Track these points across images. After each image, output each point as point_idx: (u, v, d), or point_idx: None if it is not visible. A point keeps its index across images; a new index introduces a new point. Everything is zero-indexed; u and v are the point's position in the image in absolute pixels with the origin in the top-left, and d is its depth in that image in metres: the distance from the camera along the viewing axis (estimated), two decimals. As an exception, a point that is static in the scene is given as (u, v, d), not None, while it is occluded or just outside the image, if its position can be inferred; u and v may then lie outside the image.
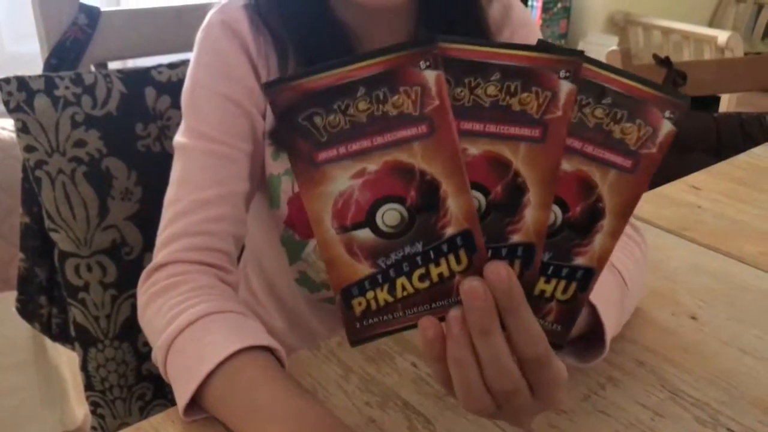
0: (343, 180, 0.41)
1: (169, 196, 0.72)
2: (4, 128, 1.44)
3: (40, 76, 0.85)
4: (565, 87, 0.40)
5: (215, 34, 0.75)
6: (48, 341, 1.10)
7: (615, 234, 0.43)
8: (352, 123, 0.41)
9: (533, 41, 0.86)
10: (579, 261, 0.44)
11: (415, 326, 0.44)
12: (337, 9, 0.76)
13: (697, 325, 0.74)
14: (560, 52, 0.40)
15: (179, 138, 0.74)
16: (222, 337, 0.60)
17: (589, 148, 0.42)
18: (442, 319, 0.43)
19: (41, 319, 0.97)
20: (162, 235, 0.70)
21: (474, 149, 0.41)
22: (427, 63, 0.40)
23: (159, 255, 0.69)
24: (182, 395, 0.59)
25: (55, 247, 0.86)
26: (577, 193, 0.43)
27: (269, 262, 0.89)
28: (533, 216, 0.42)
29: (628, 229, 0.74)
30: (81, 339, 0.89)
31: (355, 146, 0.41)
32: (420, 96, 0.40)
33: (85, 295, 0.88)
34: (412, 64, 0.40)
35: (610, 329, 0.62)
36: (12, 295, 1.01)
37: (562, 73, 0.40)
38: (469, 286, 0.41)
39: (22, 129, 0.83)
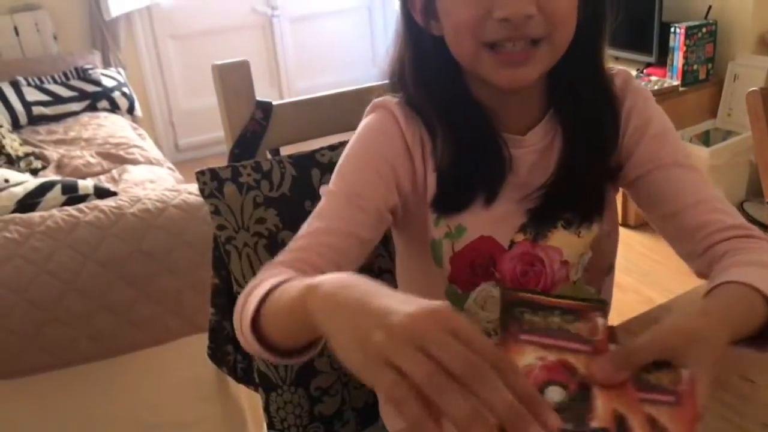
0: (530, 357, 0.60)
1: (307, 221, 0.87)
2: (190, 193, 1.65)
3: (227, 167, 1.02)
4: (600, 321, 0.62)
5: (381, 120, 0.90)
6: (231, 379, 1.28)
7: None
8: (546, 326, 0.61)
9: (649, 106, 0.96)
10: None
11: None
12: (476, 91, 0.88)
13: None
14: (591, 302, 0.63)
15: (326, 186, 0.89)
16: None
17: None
18: None
19: (228, 364, 1.13)
20: (290, 244, 0.85)
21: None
22: (599, 314, 0.62)
23: (279, 255, 0.83)
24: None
25: (241, 307, 1.03)
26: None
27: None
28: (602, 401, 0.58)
29: (750, 242, 0.80)
30: (263, 384, 1.05)
31: (544, 341, 0.61)
32: (592, 329, 0.61)
33: (266, 347, 1.03)
34: (592, 311, 0.62)
35: None
36: (199, 338, 1.17)
37: (598, 314, 0.62)
38: None
39: (215, 212, 1.01)
